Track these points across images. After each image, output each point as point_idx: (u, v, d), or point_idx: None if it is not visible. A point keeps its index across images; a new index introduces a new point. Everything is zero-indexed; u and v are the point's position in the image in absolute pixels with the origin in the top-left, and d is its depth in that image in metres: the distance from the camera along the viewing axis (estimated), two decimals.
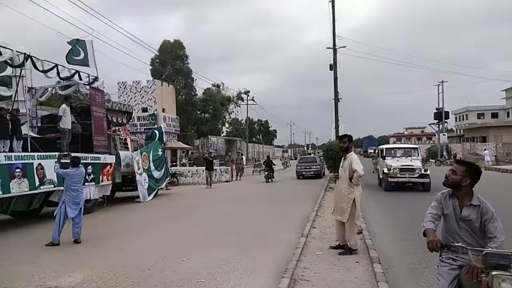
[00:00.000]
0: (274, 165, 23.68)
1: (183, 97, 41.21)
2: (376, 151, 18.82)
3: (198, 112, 44.63)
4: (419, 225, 3.03)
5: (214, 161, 21.82)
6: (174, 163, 30.39)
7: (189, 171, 22.79)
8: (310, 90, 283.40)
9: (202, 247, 6.63)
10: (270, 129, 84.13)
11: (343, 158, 6.14)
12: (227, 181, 22.34)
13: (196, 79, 42.55)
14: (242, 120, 64.39)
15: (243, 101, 54.47)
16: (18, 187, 8.73)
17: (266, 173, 21.84)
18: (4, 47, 9.34)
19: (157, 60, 40.09)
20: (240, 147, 49.95)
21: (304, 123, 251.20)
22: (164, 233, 8.07)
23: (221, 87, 52.59)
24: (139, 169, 13.84)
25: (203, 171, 20.91)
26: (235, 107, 56.69)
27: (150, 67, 40.23)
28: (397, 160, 15.65)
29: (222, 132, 57.15)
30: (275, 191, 16.60)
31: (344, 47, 24.01)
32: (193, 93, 42.56)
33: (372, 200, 12.23)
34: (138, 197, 13.56)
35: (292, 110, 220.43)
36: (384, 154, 16.69)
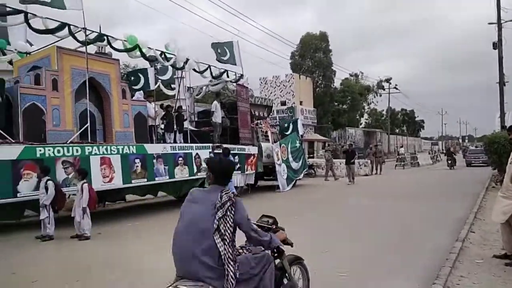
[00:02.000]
0: (455, 154, 28.17)
1: (321, 89, 41.22)
2: None
3: (335, 104, 43.99)
4: None
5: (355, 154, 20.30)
6: (311, 155, 30.78)
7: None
8: (465, 74, 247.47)
9: (343, 241, 6.53)
10: (416, 119, 76.78)
11: None
12: (366, 175, 21.46)
13: (335, 71, 42.09)
14: (383, 110, 60.68)
15: (384, 89, 51.20)
16: (181, 173, 10.23)
17: (449, 161, 25.65)
18: (168, 53, 11.00)
19: (297, 53, 41.03)
20: (380, 139, 47.24)
21: (458, 112, 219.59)
22: (302, 223, 8.24)
23: (359, 77, 50.61)
24: (278, 160, 14.49)
25: (340, 164, 20.52)
26: (375, 96, 53.76)
27: (290, 61, 41.46)
28: None
29: (361, 124, 55.00)
30: (424, 187, 15.11)
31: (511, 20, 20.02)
32: (330, 85, 42.16)
33: None
34: (278, 186, 14.24)
35: (443, 98, 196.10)
36: None
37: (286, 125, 17.49)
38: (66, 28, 8.52)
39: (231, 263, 2.42)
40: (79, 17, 8.65)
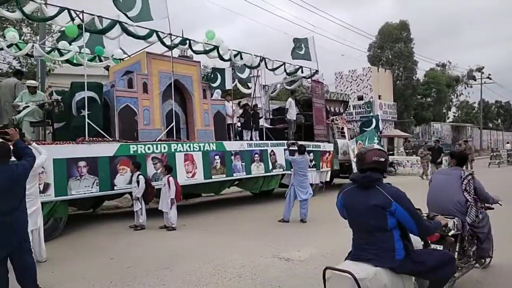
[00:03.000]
0: None
1: (402, 81, 38.81)
2: None
3: (418, 97, 41.02)
4: None
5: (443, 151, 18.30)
6: (391, 152, 29.22)
7: (408, 161, 21.42)
8: None
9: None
10: None
11: None
12: None
13: (418, 62, 39.26)
14: (474, 103, 55.07)
15: (475, 80, 46.46)
16: (257, 170, 10.50)
17: None
18: (245, 52, 11.32)
19: (376, 45, 39.15)
20: (471, 134, 43.04)
21: None
22: None
23: (446, 67, 46.53)
24: (355, 157, 14.03)
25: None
26: (465, 88, 49.01)
27: (368, 53, 39.66)
28: None
29: (448, 118, 50.58)
30: None
31: None
32: (412, 77, 39.44)
33: None
34: None
35: None
36: None
37: (365, 121, 16.89)
38: (154, 34, 9.26)
39: (473, 207, 4.13)
40: (162, 22, 9.30)
